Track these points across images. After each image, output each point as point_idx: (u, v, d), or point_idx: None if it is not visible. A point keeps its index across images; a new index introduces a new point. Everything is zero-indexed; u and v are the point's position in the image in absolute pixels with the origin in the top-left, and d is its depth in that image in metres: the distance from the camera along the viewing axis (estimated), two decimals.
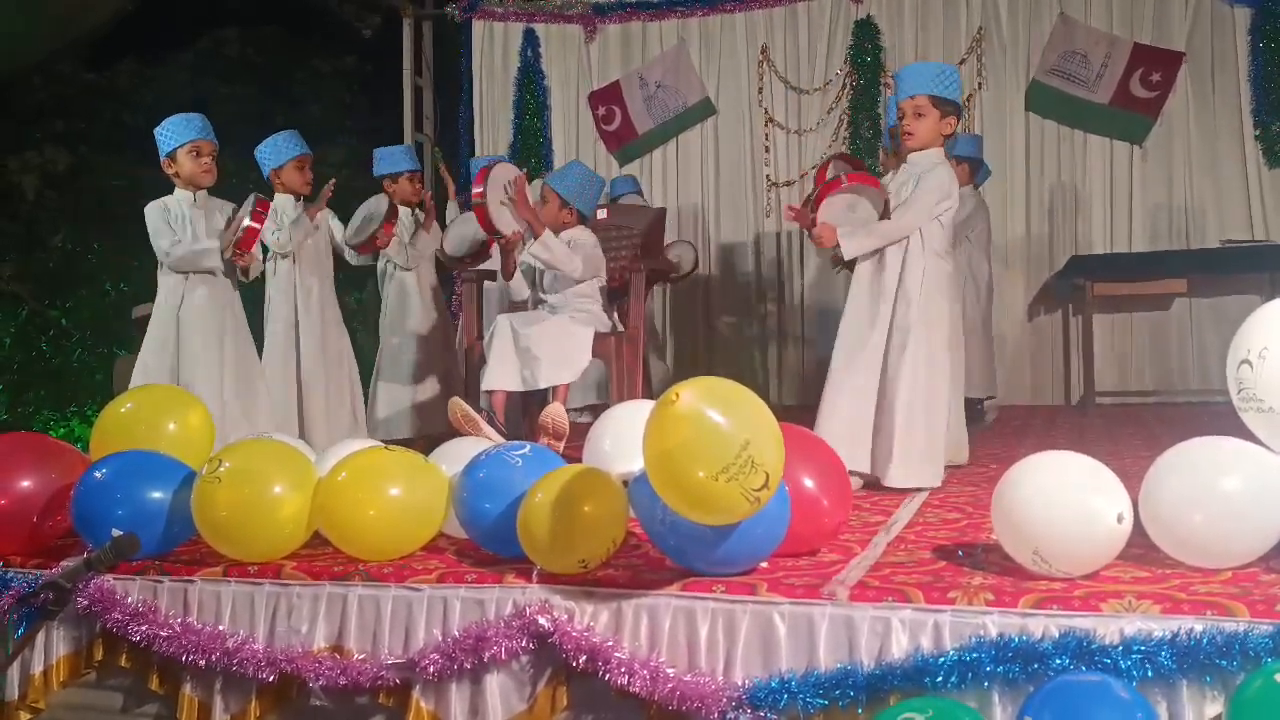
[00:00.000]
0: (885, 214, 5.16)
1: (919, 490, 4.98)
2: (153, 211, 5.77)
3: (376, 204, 6.97)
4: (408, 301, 7.53)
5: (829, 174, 5.30)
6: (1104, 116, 9.50)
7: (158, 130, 5.80)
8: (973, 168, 7.75)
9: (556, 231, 6.18)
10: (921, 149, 5.20)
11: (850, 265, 5.29)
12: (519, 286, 6.42)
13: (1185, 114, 9.40)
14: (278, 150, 6.64)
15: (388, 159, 7.62)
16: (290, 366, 6.53)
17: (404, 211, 7.43)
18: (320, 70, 15.34)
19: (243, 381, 5.83)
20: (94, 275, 13.34)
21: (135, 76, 14.76)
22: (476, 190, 6.14)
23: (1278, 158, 9.13)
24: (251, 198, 5.74)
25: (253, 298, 6.21)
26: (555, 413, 5.63)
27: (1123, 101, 9.41)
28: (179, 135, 5.77)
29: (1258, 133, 9.20)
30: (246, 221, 5.65)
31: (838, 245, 5.15)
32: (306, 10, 11.71)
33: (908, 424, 5.02)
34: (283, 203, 6.61)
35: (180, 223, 5.76)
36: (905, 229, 5.11)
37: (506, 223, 6.18)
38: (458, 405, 5.62)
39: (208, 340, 5.73)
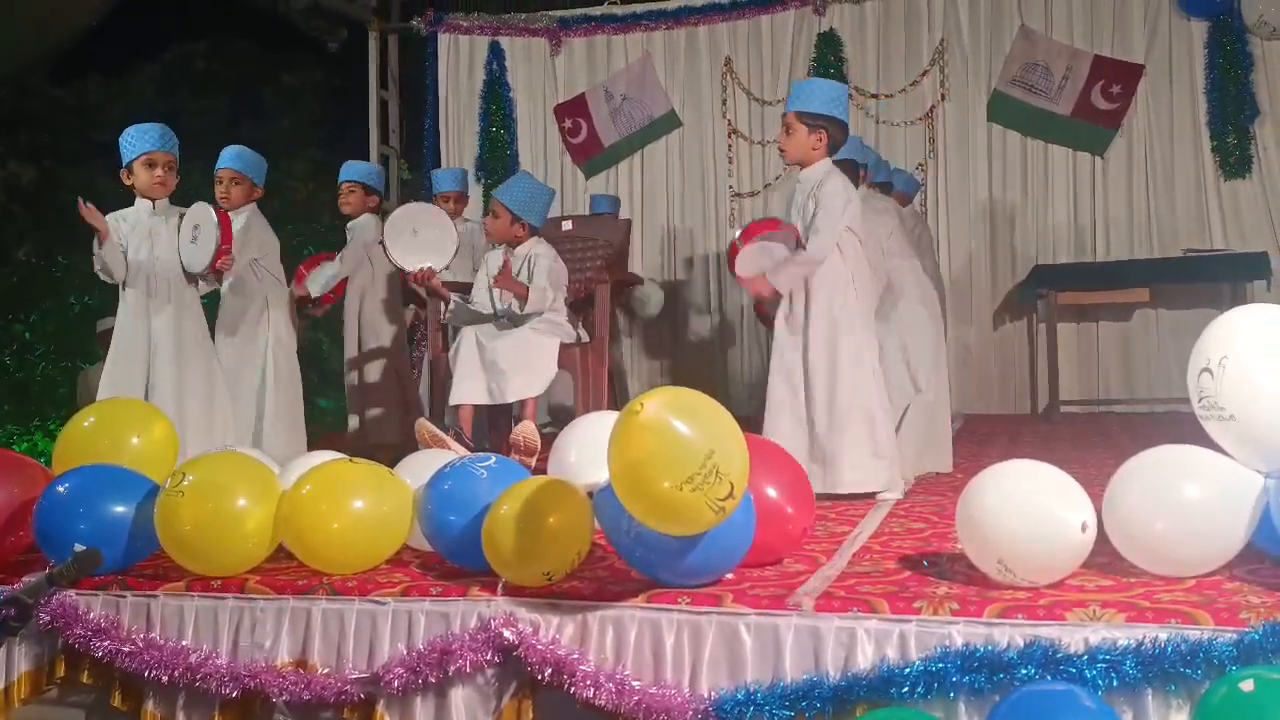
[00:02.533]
0: (801, 245, 5.19)
1: (878, 495, 5.05)
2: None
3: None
4: (366, 313, 7.48)
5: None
6: (1065, 127, 9.59)
7: (120, 140, 5.75)
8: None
9: (512, 245, 6.16)
10: (799, 163, 5.29)
11: (771, 320, 5.31)
12: (482, 300, 6.35)
13: (1145, 126, 9.50)
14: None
15: (349, 170, 7.60)
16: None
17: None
18: (287, 84, 15.31)
19: (203, 395, 5.79)
20: (58, 288, 13.24)
21: (102, 90, 14.69)
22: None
23: (1233, 169, 9.23)
24: (212, 214, 5.70)
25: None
26: (526, 430, 5.61)
27: (1084, 113, 9.51)
28: (134, 147, 5.71)
29: (1213, 144, 9.30)
30: (216, 237, 5.64)
31: (770, 294, 5.23)
32: (274, 24, 11.69)
33: (848, 427, 5.10)
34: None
35: (137, 234, 5.71)
36: (826, 248, 5.15)
37: (410, 260, 6.29)
38: (424, 426, 5.59)
39: (168, 352, 5.69)
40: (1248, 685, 2.56)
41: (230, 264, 5.82)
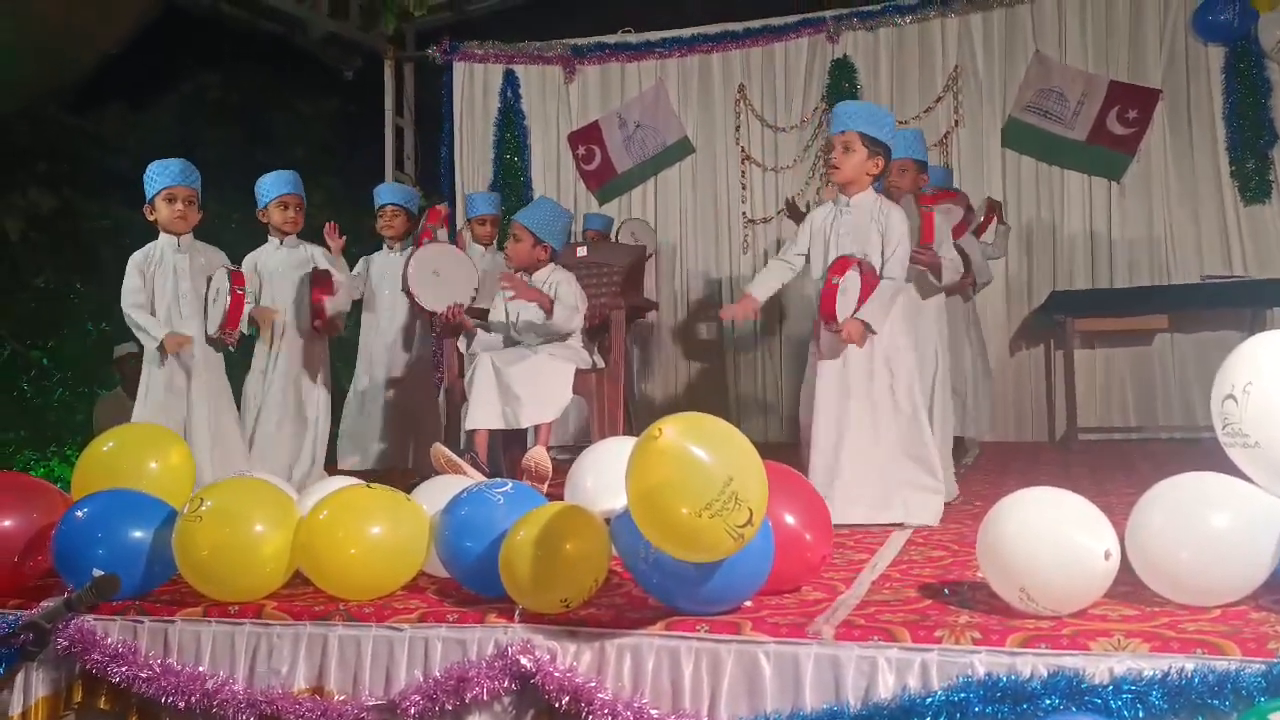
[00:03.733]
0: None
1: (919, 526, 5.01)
2: (130, 262, 5.84)
3: None
4: (384, 337, 7.46)
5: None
6: (1081, 153, 9.55)
7: (144, 176, 5.83)
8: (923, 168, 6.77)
9: (531, 270, 6.15)
10: (848, 184, 5.21)
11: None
12: (498, 319, 6.35)
13: (1163, 151, 9.45)
14: (264, 189, 6.61)
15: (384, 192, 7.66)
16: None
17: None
18: (303, 112, 15.36)
19: (230, 427, 5.87)
20: (76, 316, 13.31)
21: (119, 120, 14.76)
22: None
23: (1253, 194, 9.17)
24: (224, 273, 5.81)
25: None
26: (537, 455, 5.60)
27: (1100, 138, 9.47)
28: (155, 182, 5.80)
29: (1233, 169, 9.24)
30: (228, 299, 5.73)
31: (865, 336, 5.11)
32: (289, 53, 11.76)
33: (899, 459, 5.07)
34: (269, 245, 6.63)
35: (162, 269, 5.79)
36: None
37: (439, 303, 6.32)
38: (440, 451, 5.58)
39: (199, 386, 5.78)
40: (1278, 717, 2.53)
41: (233, 340, 5.96)
